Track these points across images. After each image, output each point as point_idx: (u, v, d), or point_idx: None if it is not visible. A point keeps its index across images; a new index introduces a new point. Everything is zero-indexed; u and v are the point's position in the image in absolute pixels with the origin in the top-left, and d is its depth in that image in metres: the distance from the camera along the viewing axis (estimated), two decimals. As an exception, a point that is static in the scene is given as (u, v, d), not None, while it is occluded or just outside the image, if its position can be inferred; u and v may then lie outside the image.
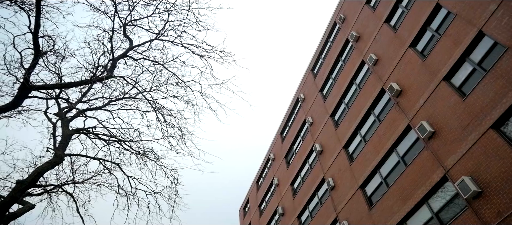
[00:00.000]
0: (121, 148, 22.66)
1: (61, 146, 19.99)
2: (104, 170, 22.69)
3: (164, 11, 15.98)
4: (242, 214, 42.21)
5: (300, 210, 27.09)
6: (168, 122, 21.31)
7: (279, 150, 34.90)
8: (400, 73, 19.09)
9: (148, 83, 18.65)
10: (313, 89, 30.10)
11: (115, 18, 16.06)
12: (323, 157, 25.37)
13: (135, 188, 22.47)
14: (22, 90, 15.82)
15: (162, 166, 22.64)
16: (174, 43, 17.03)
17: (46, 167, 18.82)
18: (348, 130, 22.89)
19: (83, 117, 21.32)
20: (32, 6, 14.10)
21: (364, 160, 20.58)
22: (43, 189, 20.62)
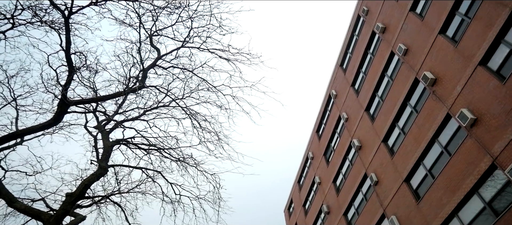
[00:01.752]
0: (161, 156, 22.67)
1: (104, 158, 20.15)
2: (147, 178, 22.76)
3: (187, 18, 15.81)
4: (287, 214, 41.68)
5: (346, 207, 26.36)
6: (204, 127, 21.15)
7: (317, 148, 34.18)
8: (432, 62, 18.13)
9: (179, 91, 18.56)
10: (344, 84, 29.26)
11: (140, 29, 16.05)
12: (362, 152, 24.54)
13: (179, 194, 22.45)
14: (61, 107, 16.00)
15: (203, 171, 22.47)
16: (200, 49, 16.85)
17: (92, 179, 19.00)
18: (385, 123, 22.01)
19: (121, 128, 21.48)
20: (61, 25, 14.22)
21: (405, 152, 19.71)
22: (91, 201, 20.86)
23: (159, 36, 16.48)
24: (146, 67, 16.85)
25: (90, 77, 17.38)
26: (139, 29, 15.88)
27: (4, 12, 13.49)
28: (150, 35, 16.20)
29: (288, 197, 42.20)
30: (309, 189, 34.85)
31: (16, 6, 13.39)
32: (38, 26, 13.99)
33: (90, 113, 19.86)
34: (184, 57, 17.46)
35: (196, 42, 16.64)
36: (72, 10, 13.50)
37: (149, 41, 16.49)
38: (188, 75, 17.89)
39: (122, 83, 17.71)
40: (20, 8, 13.46)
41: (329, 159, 30.96)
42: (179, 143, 21.82)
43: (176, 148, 21.89)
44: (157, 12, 15.19)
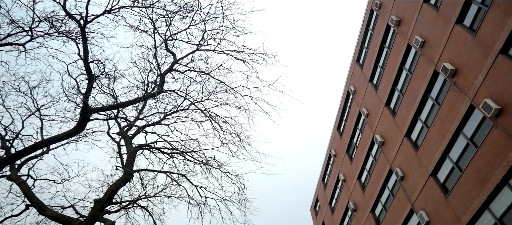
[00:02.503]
0: (184, 159, 22.72)
1: (128, 163, 20.34)
2: (172, 182, 22.83)
3: (200, 21, 15.78)
4: (314, 213, 41.33)
5: (372, 203, 25.91)
6: (224, 129, 21.12)
7: (339, 145, 33.75)
8: (451, 53, 17.60)
9: (198, 94, 18.56)
10: (362, 80, 28.78)
11: (155, 35, 16.07)
12: (386, 147, 24.08)
13: (205, 196, 22.49)
14: (83, 115, 16.19)
15: (227, 173, 22.45)
16: (215, 52, 16.80)
17: (118, 185, 19.20)
18: (406, 117, 21.53)
19: (143, 133, 21.62)
20: (78, 34, 14.37)
21: (430, 146, 19.23)
22: (119, 206, 21.05)
23: (174, 41, 16.51)
24: (163, 72, 16.90)
25: (109, 84, 17.56)
26: (154, 34, 15.93)
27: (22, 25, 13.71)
28: (165, 40, 16.23)
29: (313, 195, 41.85)
30: (334, 186, 34.45)
31: (34, 18, 13.59)
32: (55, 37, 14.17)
33: (112, 120, 20.08)
34: (200, 60, 17.47)
35: (210, 44, 16.60)
36: (87, 19, 13.62)
37: (165, 46, 16.53)
38: (205, 78, 17.89)
39: (141, 89, 17.83)
40: (37, 20, 13.65)
41: (352, 156, 30.53)
42: (201, 145, 21.88)
43: (199, 150, 21.94)
44: (170, 17, 15.20)
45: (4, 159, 16.23)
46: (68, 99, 16.93)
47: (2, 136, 18.83)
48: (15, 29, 13.57)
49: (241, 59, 16.85)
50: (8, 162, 16.79)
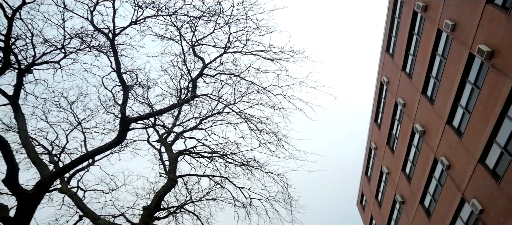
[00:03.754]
0: (225, 162, 22.87)
1: (171, 169, 20.71)
2: (216, 185, 23.04)
3: (224, 24, 15.84)
4: (361, 208, 40.59)
5: (420, 195, 25.12)
6: (261, 129, 21.10)
7: (378, 137, 32.96)
8: (485, 34, 16.80)
9: (230, 96, 18.61)
10: (394, 69, 27.94)
11: (182, 41, 16.27)
12: (427, 136, 23.31)
13: (249, 197, 22.57)
14: (123, 125, 16.62)
15: (268, 173, 22.43)
16: (243, 53, 16.86)
17: (164, 191, 19.60)
18: (446, 104, 20.74)
19: (182, 138, 21.94)
20: (108, 48, 14.78)
21: (474, 132, 18.42)
22: (167, 212, 21.45)
23: (200, 46, 16.67)
24: (194, 78, 17.10)
25: (143, 93, 17.97)
26: (181, 41, 16.14)
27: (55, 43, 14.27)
28: (192, 46, 16.40)
29: (358, 190, 41.10)
30: (378, 180, 33.69)
31: (65, 36, 14.13)
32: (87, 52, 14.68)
33: (150, 128, 20.53)
34: (228, 62, 17.55)
35: (237, 46, 16.65)
36: (115, 32, 13.98)
37: (192, 52, 16.70)
38: (236, 80, 17.97)
39: (175, 96, 18.11)
40: (68, 37, 14.18)
41: (393, 148, 29.75)
42: (240, 147, 21.99)
43: (238, 152, 22.05)
44: (194, 23, 15.36)
45: (54, 173, 16.79)
46: (106, 111, 17.52)
47: (49, 151, 19.65)
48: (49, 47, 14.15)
49: (269, 59, 16.82)
50: (58, 175, 17.35)
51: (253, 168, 22.12)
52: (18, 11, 12.64)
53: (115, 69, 15.09)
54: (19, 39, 13.49)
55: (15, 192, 15.43)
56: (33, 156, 17.06)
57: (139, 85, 16.99)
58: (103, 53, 14.97)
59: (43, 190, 15.91)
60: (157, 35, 15.69)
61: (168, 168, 20.88)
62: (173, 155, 21.27)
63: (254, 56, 16.77)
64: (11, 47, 13.02)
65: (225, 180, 22.49)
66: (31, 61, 14.28)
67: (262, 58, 16.91)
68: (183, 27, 15.52)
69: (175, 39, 16.06)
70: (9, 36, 12.60)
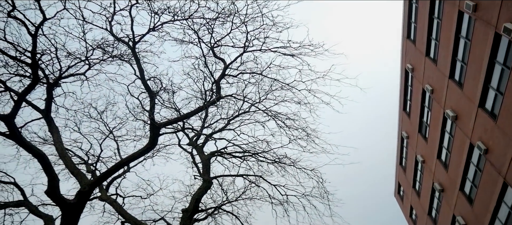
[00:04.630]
0: (257, 161, 22.86)
1: (205, 171, 20.92)
2: (251, 184, 23.08)
3: (241, 24, 15.87)
4: (399, 198, 39.73)
5: (460, 182, 24.36)
6: (289, 126, 21.00)
7: (409, 126, 32.14)
8: (510, 12, 16.12)
9: (255, 95, 18.62)
10: (418, 56, 27.13)
11: (201, 44, 16.39)
12: (460, 121, 22.58)
13: (285, 194, 22.54)
14: (153, 131, 16.91)
15: (302, 169, 22.31)
16: (262, 51, 16.83)
17: (200, 193, 19.82)
18: (476, 87, 20.04)
19: (212, 140, 22.10)
20: (130, 56, 15.09)
21: (510, 113, 17.72)
22: (205, 213, 21.65)
23: (220, 47, 16.76)
24: (217, 79, 17.23)
25: (169, 98, 18.23)
26: (199, 44, 16.30)
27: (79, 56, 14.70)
28: (211, 48, 16.52)
29: (394, 180, 40.25)
30: (414, 169, 32.88)
31: (87, 48, 14.54)
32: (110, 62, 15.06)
33: (180, 132, 20.79)
34: (249, 61, 17.60)
35: (256, 45, 16.66)
36: (135, 40, 14.27)
37: (212, 54, 16.82)
38: (259, 78, 18.00)
39: (200, 98, 18.32)
40: (90, 49, 14.58)
41: (426, 135, 28.96)
42: (270, 145, 21.97)
43: (269, 150, 22.07)
44: (211, 25, 15.45)
45: (92, 182, 17.24)
46: (135, 118, 17.92)
47: (86, 160, 20.21)
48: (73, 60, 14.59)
49: (290, 54, 16.75)
50: (96, 184, 17.80)
51: (285, 165, 22.09)
52: (40, 27, 13.13)
53: (139, 77, 15.40)
54: (44, 54, 14.03)
55: (58, 202, 15.89)
56: (71, 166, 17.56)
57: (164, 91, 17.28)
58: (125, 61, 15.34)
59: (84, 199, 16.32)
60: (176, 40, 15.91)
61: (202, 170, 21.08)
62: (205, 156, 21.46)
63: (274, 53, 16.77)
64: (38, 63, 13.51)
65: (259, 178, 22.53)
66: (58, 75, 14.81)
67: (283, 54, 16.87)
68: (200, 30, 15.67)
69: (193, 42, 16.25)
70: (35, 52, 13.08)
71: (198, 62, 17.48)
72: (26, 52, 13.35)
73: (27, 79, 14.41)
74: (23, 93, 13.67)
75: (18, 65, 14.08)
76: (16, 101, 13.81)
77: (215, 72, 17.62)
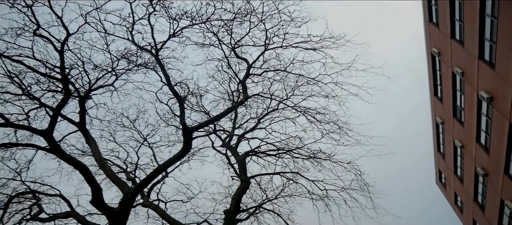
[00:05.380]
0: (292, 157, 22.65)
1: (241, 171, 20.92)
2: (288, 181, 22.89)
3: (259, 22, 15.71)
4: (441, 186, 38.45)
5: (503, 164, 23.28)
6: (320, 120, 20.69)
7: (442, 111, 30.98)
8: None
9: (282, 92, 18.44)
10: (443, 39, 26.06)
11: (221, 46, 16.38)
12: (496, 103, 21.61)
13: (324, 189, 22.22)
14: (186, 135, 17.03)
15: (338, 162, 21.98)
16: (283, 47, 16.67)
17: (239, 193, 19.85)
18: (509, 66, 19.10)
19: (244, 140, 22.04)
20: (154, 64, 15.29)
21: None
22: (247, 213, 21.64)
23: (240, 47, 16.70)
24: (242, 79, 17.20)
25: (197, 102, 18.30)
26: (220, 46, 16.30)
27: (105, 67, 15.03)
28: (232, 49, 16.49)
29: (434, 168, 38.94)
30: (454, 155, 31.70)
31: (112, 59, 14.85)
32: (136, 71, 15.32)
33: (212, 134, 20.84)
34: (271, 59, 17.45)
35: (276, 42, 16.52)
36: (157, 47, 14.44)
37: (234, 54, 16.79)
38: (284, 75, 17.83)
39: (228, 99, 18.32)
40: (115, 59, 14.89)
41: (462, 120, 27.84)
42: (303, 141, 21.70)
43: (303, 146, 21.80)
44: (229, 26, 15.42)
45: (134, 189, 17.54)
46: (167, 124, 18.13)
47: (124, 169, 20.61)
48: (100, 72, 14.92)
49: (311, 49, 16.51)
50: (138, 190, 18.08)
51: (321, 160, 21.75)
52: (66, 43, 13.50)
53: (165, 83, 15.58)
54: (73, 68, 14.45)
55: (104, 211, 16.23)
56: (111, 175, 17.93)
57: (192, 95, 17.35)
58: (150, 69, 15.57)
59: (127, 206, 16.58)
60: (196, 44, 16.00)
61: (238, 170, 21.06)
62: (240, 157, 21.43)
63: (295, 49, 16.59)
64: (67, 77, 13.91)
65: (297, 175, 22.31)
66: (88, 87, 15.22)
67: (304, 49, 16.66)
68: (219, 32, 15.68)
69: (214, 44, 16.29)
70: (63, 67, 13.47)
71: (221, 64, 17.54)
72: (55, 68, 13.78)
73: (59, 94, 14.88)
74: (57, 108, 14.10)
75: (49, 81, 14.58)
76: (52, 116, 14.24)
77: (239, 72, 17.62)
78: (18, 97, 14.02)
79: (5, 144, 14.23)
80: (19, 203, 17.61)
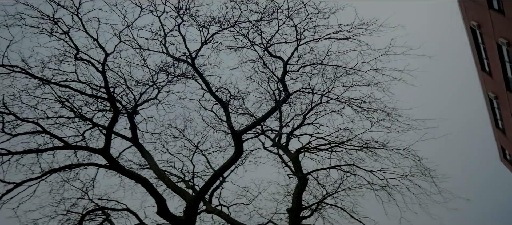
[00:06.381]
0: (345, 150, 21.93)
1: (297, 169, 20.48)
2: (346, 174, 22.18)
3: (287, 18, 15.21)
4: (507, 163, 35.66)
5: None
6: (367, 109, 19.86)
7: (494, 86, 28.63)
8: None
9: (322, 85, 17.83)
10: (481, 10, 23.99)
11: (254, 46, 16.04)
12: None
13: (384, 178, 21.40)
14: (236, 139, 16.84)
15: (393, 149, 21.08)
16: (316, 41, 16.06)
17: (299, 191, 19.49)
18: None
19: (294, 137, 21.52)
20: (192, 72, 15.27)
21: None
22: (309, 210, 21.16)
23: (273, 45, 16.29)
24: (280, 78, 16.78)
25: (241, 105, 18.08)
26: (252, 47, 15.99)
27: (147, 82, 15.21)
28: (265, 48, 16.14)
29: (496, 145, 36.12)
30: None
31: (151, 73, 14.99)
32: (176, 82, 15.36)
33: (261, 135, 20.51)
34: (305, 54, 16.91)
35: (307, 36, 15.95)
36: (192, 56, 14.37)
37: (268, 54, 16.43)
38: (321, 68, 17.20)
39: (270, 99, 17.96)
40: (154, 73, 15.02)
41: (516, 90, 25.56)
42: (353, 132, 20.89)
43: (354, 137, 20.98)
44: (257, 26, 15.09)
45: (195, 196, 17.54)
46: (215, 130, 18.06)
47: (182, 178, 20.75)
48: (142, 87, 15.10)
49: (344, 38, 15.82)
50: (199, 198, 18.04)
51: (375, 149, 20.84)
52: (105, 63, 13.78)
53: (206, 90, 15.51)
54: (117, 86, 14.71)
55: (171, 220, 16.27)
56: (171, 185, 18.03)
57: (234, 98, 17.18)
58: (189, 78, 15.57)
59: (192, 214, 16.52)
60: (229, 48, 15.80)
61: (293, 168, 20.61)
62: (292, 154, 20.97)
63: (328, 40, 15.94)
64: (113, 96, 14.18)
65: (353, 167, 21.53)
66: (134, 103, 15.45)
67: (337, 39, 16.01)
68: (249, 33, 15.39)
69: (246, 46, 16.02)
70: (108, 87, 13.75)
71: (257, 65, 17.22)
72: (100, 88, 14.10)
73: (109, 113, 15.21)
74: (109, 126, 14.40)
75: (97, 102, 14.96)
76: (106, 134, 14.53)
77: (276, 71, 17.22)
78: (71, 120, 14.55)
79: (68, 166, 14.70)
80: (91, 220, 18.10)
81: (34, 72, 12.48)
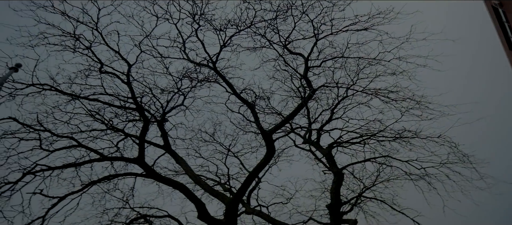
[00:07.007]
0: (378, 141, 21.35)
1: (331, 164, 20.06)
2: (381, 166, 21.59)
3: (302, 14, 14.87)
4: (550, 142, 33.37)
5: None
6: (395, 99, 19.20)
7: (524, 64, 26.80)
8: None
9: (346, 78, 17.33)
10: None
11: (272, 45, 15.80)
12: None
13: (422, 168, 20.73)
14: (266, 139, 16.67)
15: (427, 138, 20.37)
16: (334, 34, 15.60)
17: (336, 186, 19.14)
18: None
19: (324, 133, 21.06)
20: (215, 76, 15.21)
21: None
22: (349, 205, 20.74)
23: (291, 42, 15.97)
24: (303, 74, 16.44)
25: (267, 104, 17.83)
26: (271, 46, 15.74)
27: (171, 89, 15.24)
28: (284, 46, 15.87)
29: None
30: (554, 106, 27.36)
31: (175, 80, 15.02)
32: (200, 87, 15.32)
33: (291, 133, 20.16)
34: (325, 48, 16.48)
35: (325, 30, 15.53)
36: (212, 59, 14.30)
37: (288, 51, 16.12)
38: (343, 61, 16.73)
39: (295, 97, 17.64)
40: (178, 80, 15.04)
41: (552, 65, 23.95)
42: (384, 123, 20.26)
43: (385, 128, 20.34)
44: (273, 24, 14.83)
45: (233, 199, 17.47)
46: (244, 131, 17.87)
47: (218, 181, 20.68)
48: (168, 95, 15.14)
49: (362, 29, 15.32)
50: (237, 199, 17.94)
51: (408, 138, 20.10)
52: (129, 74, 13.91)
53: (231, 92, 15.39)
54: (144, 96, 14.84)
55: (212, 223, 16.23)
56: (208, 189, 18.00)
57: (260, 99, 16.98)
58: (213, 82, 15.49)
59: (233, 216, 16.49)
60: (248, 49, 15.63)
61: (328, 163, 20.16)
62: (325, 150, 20.53)
63: (346, 32, 15.47)
64: (141, 106, 14.30)
65: (388, 158, 20.84)
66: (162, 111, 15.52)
67: (356, 31, 15.54)
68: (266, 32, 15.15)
69: (265, 46, 15.78)
70: (135, 97, 13.89)
71: (278, 63, 16.95)
72: (128, 99, 14.25)
73: (139, 122, 15.35)
74: (141, 135, 14.52)
75: (126, 112, 15.12)
76: (139, 144, 14.65)
77: (298, 68, 16.88)
78: (104, 132, 14.78)
79: (107, 177, 14.94)
80: (134, 229, 18.26)
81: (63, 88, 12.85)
